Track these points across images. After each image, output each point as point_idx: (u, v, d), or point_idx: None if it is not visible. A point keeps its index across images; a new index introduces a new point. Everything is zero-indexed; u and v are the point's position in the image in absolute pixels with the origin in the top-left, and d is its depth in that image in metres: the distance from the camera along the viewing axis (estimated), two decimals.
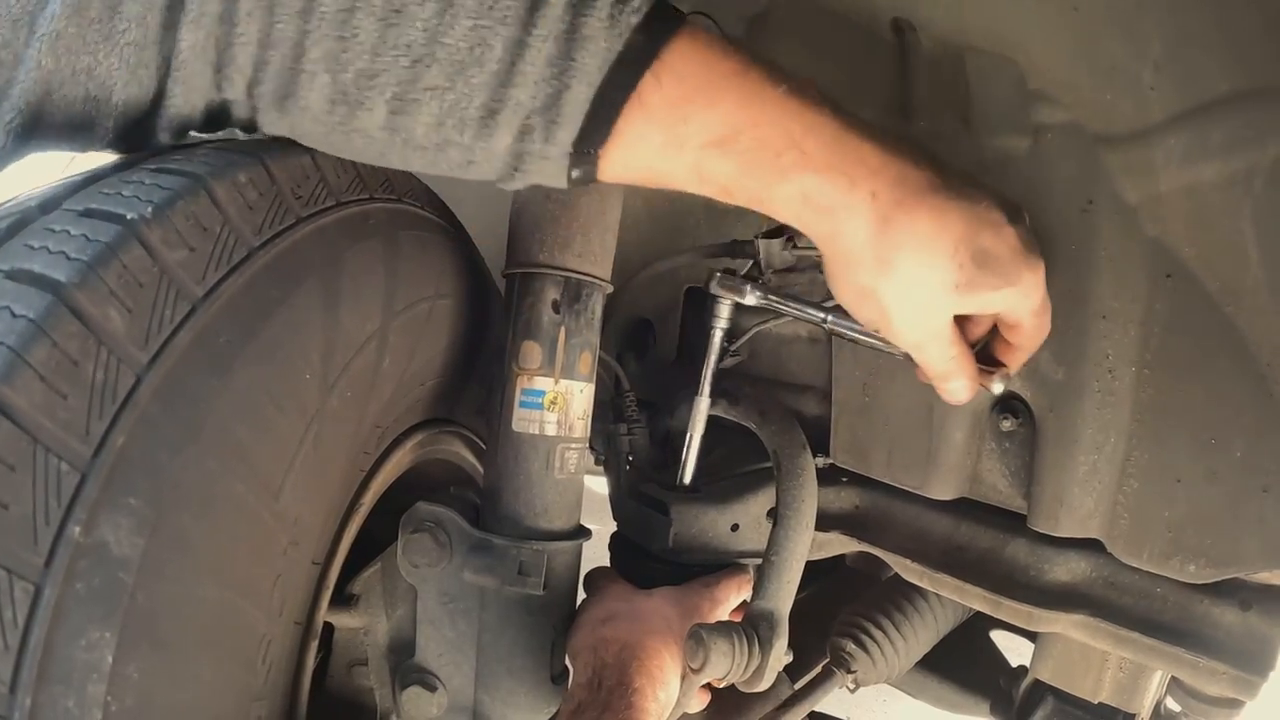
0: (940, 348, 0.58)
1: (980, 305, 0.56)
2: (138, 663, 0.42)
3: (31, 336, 0.40)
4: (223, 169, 0.53)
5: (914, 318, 0.56)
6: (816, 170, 0.51)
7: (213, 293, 0.49)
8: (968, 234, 0.53)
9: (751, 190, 0.52)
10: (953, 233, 0.52)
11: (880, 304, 0.55)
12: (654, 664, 0.70)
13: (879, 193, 0.51)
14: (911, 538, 0.92)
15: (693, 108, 0.49)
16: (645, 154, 0.50)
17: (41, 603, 0.39)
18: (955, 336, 0.58)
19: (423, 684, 0.77)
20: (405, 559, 0.74)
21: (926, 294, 0.54)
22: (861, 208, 0.51)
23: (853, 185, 0.51)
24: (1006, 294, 0.55)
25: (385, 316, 0.66)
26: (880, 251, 0.52)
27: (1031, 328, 0.60)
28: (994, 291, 0.55)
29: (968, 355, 0.60)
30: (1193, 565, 0.72)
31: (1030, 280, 0.56)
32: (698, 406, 0.87)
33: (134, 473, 0.43)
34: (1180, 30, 0.60)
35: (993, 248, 0.54)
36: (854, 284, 0.55)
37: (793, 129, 0.50)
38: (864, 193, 0.51)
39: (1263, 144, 0.60)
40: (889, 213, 0.51)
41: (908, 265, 0.53)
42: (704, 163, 0.51)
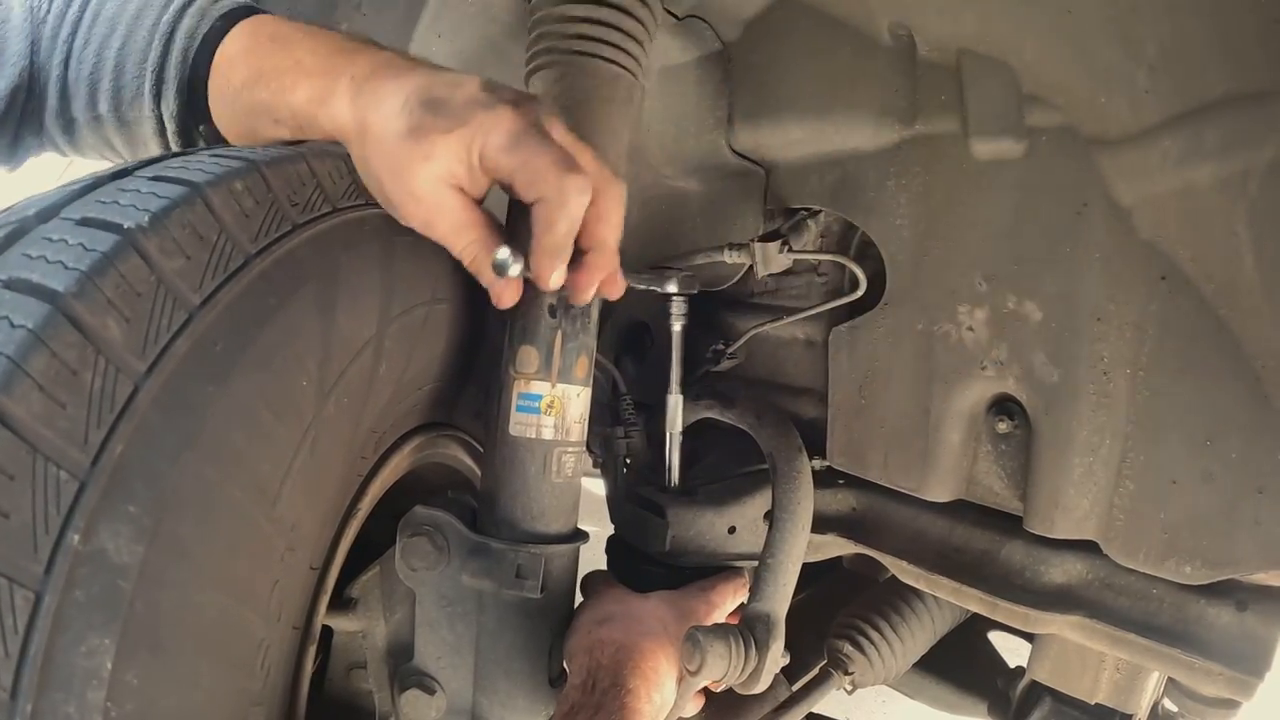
0: (446, 223, 0.60)
1: (443, 154, 0.57)
2: (137, 669, 0.43)
3: (30, 346, 0.41)
4: (219, 177, 0.53)
5: (402, 180, 0.59)
6: (309, 74, 0.62)
7: (210, 301, 0.49)
8: (419, 87, 0.58)
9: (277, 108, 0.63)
10: (407, 86, 0.58)
11: (374, 174, 0.61)
12: (649, 666, 0.71)
13: (355, 75, 0.60)
14: (908, 540, 0.92)
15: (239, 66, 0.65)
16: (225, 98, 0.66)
17: (41, 610, 0.39)
18: (466, 213, 0.60)
19: (421, 686, 0.77)
20: (403, 562, 0.74)
21: (392, 148, 0.58)
22: (342, 88, 0.61)
23: (336, 74, 0.61)
24: (460, 134, 0.56)
25: (382, 322, 0.66)
26: (356, 119, 0.60)
27: (515, 170, 0.58)
28: (445, 134, 0.56)
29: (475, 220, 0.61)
30: (1188, 566, 0.72)
31: (486, 118, 0.57)
32: (670, 405, 0.87)
33: (133, 480, 0.43)
34: (1175, 33, 0.61)
35: (443, 95, 0.58)
36: (357, 162, 0.62)
37: (296, 54, 0.63)
38: (345, 78, 0.61)
39: (1257, 146, 0.60)
40: (361, 85, 0.60)
41: (373, 124, 0.59)
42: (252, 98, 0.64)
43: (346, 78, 0.61)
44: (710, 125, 0.95)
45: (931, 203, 0.82)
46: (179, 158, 0.57)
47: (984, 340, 0.81)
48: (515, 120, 0.58)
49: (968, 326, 0.81)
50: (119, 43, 0.67)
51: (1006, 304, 0.78)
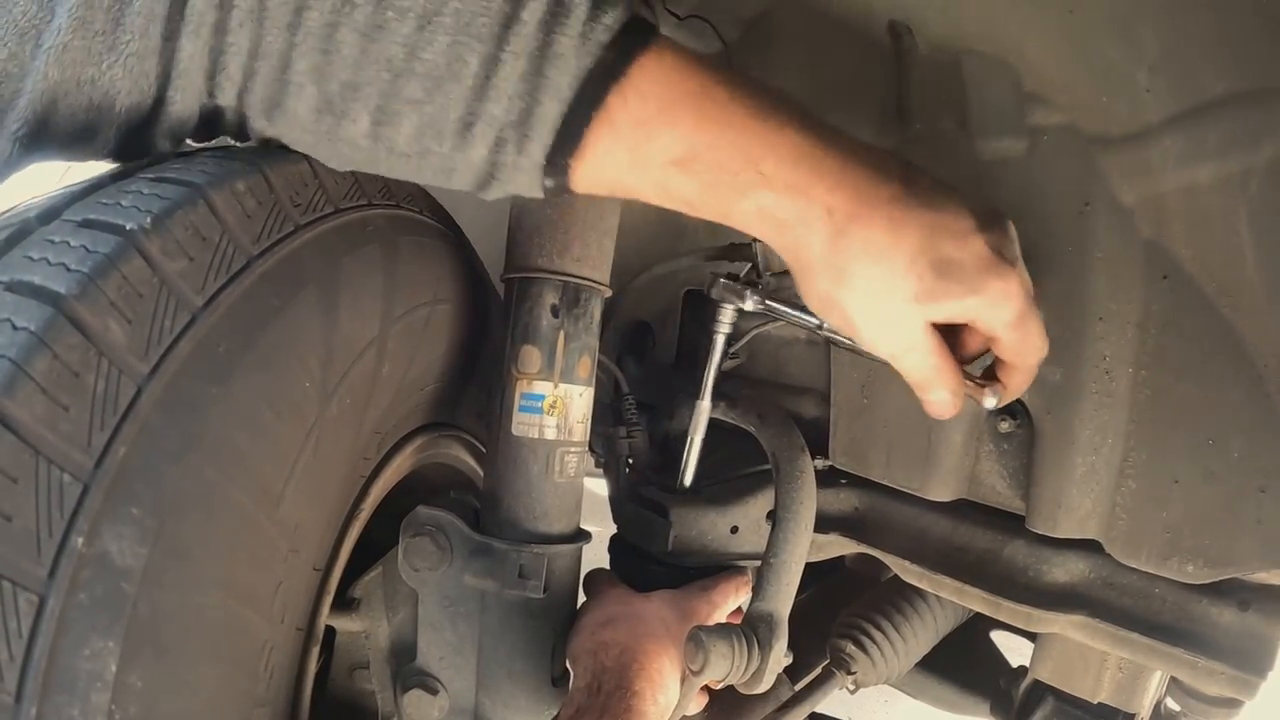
0: (917, 358, 0.57)
1: (946, 314, 0.54)
2: (141, 671, 0.43)
3: (33, 349, 0.41)
4: (221, 178, 0.53)
5: (880, 328, 0.56)
6: (773, 189, 0.51)
7: (212, 302, 0.50)
8: (926, 243, 0.52)
9: (713, 207, 0.53)
10: (909, 242, 0.52)
11: (845, 314, 0.56)
12: (653, 667, 0.71)
13: (835, 208, 0.52)
14: (910, 539, 0.92)
15: (655, 127, 0.50)
16: (613, 169, 0.52)
17: (45, 613, 0.39)
18: (935, 347, 0.57)
19: (424, 687, 0.77)
20: (406, 563, 0.74)
21: (886, 304, 0.54)
22: (816, 223, 0.52)
23: (809, 201, 0.52)
24: (972, 303, 0.54)
25: (384, 323, 0.66)
26: (836, 263, 0.53)
27: (1010, 342, 0.57)
28: (957, 300, 0.53)
29: (950, 367, 0.58)
30: (1191, 565, 0.72)
31: (998, 289, 0.54)
32: (699, 410, 0.87)
33: (136, 483, 0.43)
34: (1176, 32, 0.61)
35: (954, 255, 0.53)
36: (817, 294, 0.56)
37: (750, 149, 0.51)
38: (819, 208, 0.52)
39: (1258, 145, 0.60)
40: (844, 225, 0.52)
41: (863, 277, 0.53)
42: (668, 180, 0.52)
43: (822, 208, 0.51)
44: None
45: None
46: (181, 158, 0.57)
47: None
48: (1022, 293, 0.55)
49: None
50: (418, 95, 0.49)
51: None
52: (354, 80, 0.48)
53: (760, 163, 0.51)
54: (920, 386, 0.59)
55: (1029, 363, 0.59)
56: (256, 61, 0.48)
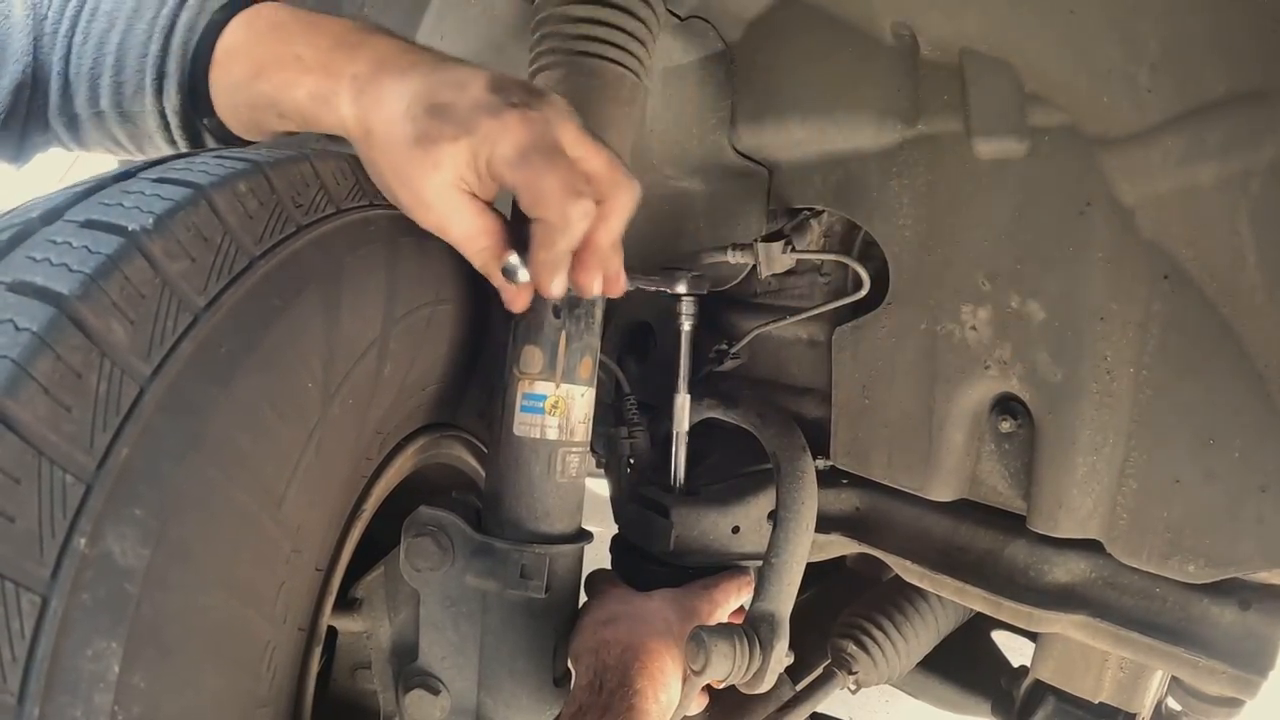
0: (462, 226, 0.59)
1: (450, 162, 0.56)
2: (144, 672, 0.43)
3: (35, 349, 0.41)
4: (223, 178, 0.53)
5: (411, 188, 0.58)
6: (310, 70, 0.60)
7: (214, 303, 0.49)
8: (423, 89, 0.56)
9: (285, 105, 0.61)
10: (409, 89, 0.57)
11: (381, 177, 0.60)
12: (655, 666, 0.71)
13: (358, 74, 0.58)
14: (911, 539, 0.92)
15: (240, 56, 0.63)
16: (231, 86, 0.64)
17: (48, 614, 0.39)
18: (477, 219, 0.59)
19: (426, 687, 0.77)
20: (408, 563, 0.74)
21: (399, 156, 0.57)
22: (344, 88, 0.59)
23: (340, 74, 0.59)
24: (466, 144, 0.55)
25: (386, 323, 0.66)
26: (361, 123, 0.58)
27: (518, 184, 0.56)
28: (453, 142, 0.55)
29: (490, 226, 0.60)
30: (1192, 565, 0.72)
31: (491, 125, 0.55)
32: (676, 405, 0.87)
33: (138, 484, 0.43)
34: (1177, 33, 0.61)
35: (448, 99, 0.56)
36: (364, 163, 0.61)
37: (294, 47, 0.61)
38: (346, 76, 0.59)
39: (1259, 146, 0.60)
40: (364, 86, 0.58)
41: (377, 128, 0.57)
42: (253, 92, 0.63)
43: (348, 77, 0.59)
44: (713, 125, 0.95)
45: (934, 203, 0.82)
46: (183, 159, 0.57)
47: (987, 340, 0.81)
48: (522, 131, 0.56)
49: (971, 326, 0.81)
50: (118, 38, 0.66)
51: (1009, 303, 0.78)
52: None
53: (301, 56, 0.60)
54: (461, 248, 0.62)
55: (548, 213, 0.57)
56: None
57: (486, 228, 0.60)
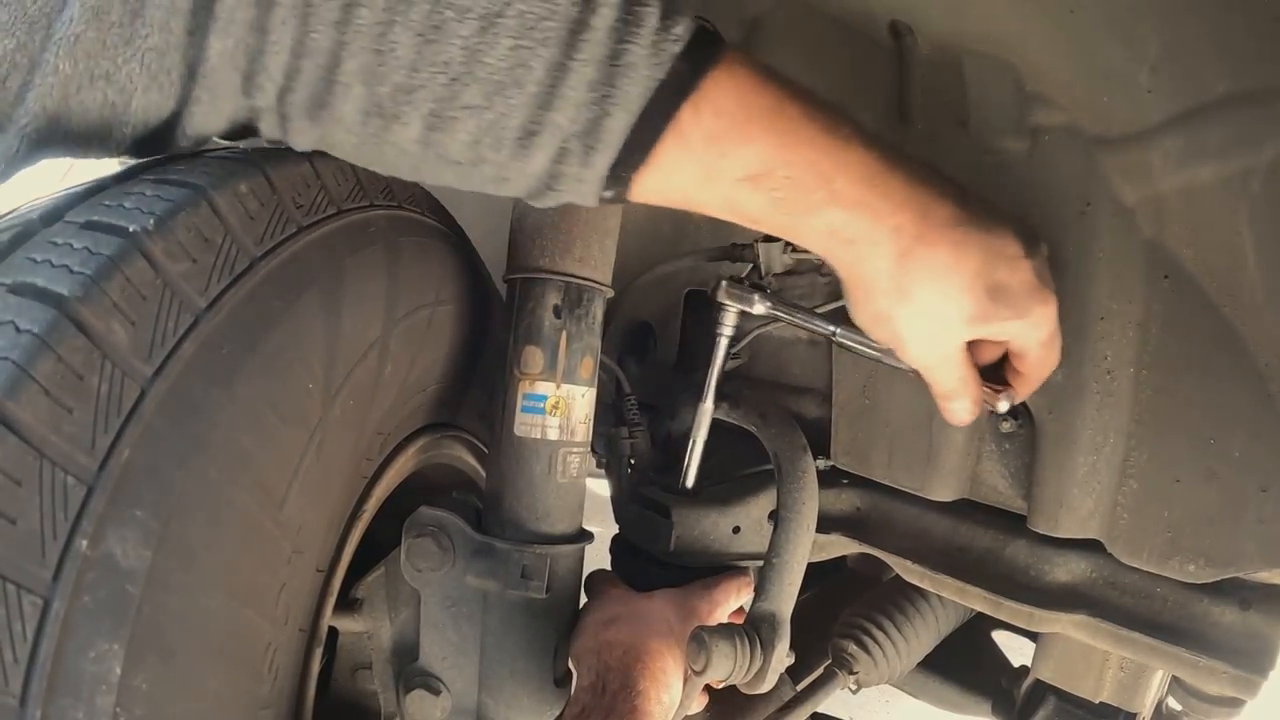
0: (950, 370, 0.60)
1: (991, 334, 0.58)
2: (145, 674, 0.43)
3: (36, 351, 0.41)
4: (224, 179, 0.53)
5: (927, 343, 0.58)
6: (844, 206, 0.52)
7: (215, 304, 0.50)
8: (984, 268, 0.55)
9: (781, 223, 0.53)
10: (969, 266, 0.54)
11: (895, 330, 0.58)
12: (657, 666, 0.71)
13: (902, 227, 0.53)
14: (912, 539, 0.92)
15: (729, 143, 0.49)
16: (679, 182, 0.51)
17: (50, 616, 0.39)
18: (965, 360, 0.60)
19: (426, 687, 0.77)
20: (408, 563, 0.74)
21: (941, 323, 0.56)
22: (884, 242, 0.53)
23: (877, 220, 0.52)
24: (1017, 325, 0.58)
25: (387, 324, 0.66)
26: (899, 282, 0.54)
27: (1038, 358, 0.62)
28: (1005, 323, 0.57)
29: (975, 379, 0.62)
30: (1192, 565, 0.72)
31: (1040, 313, 0.58)
32: (701, 412, 0.87)
33: (139, 485, 0.43)
34: (1177, 32, 0.60)
35: (1007, 281, 0.56)
36: (871, 309, 0.57)
37: (824, 167, 0.51)
38: (888, 227, 0.53)
39: (1260, 145, 0.60)
40: (910, 246, 0.53)
41: (924, 296, 0.55)
42: (736, 196, 0.51)
43: (890, 228, 0.52)
44: None
45: None
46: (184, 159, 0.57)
47: None
48: (1054, 315, 0.60)
49: None
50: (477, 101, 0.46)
51: None
52: (407, 83, 0.44)
53: (832, 180, 0.51)
54: (945, 396, 0.63)
55: (1046, 375, 0.64)
56: (301, 60, 0.44)
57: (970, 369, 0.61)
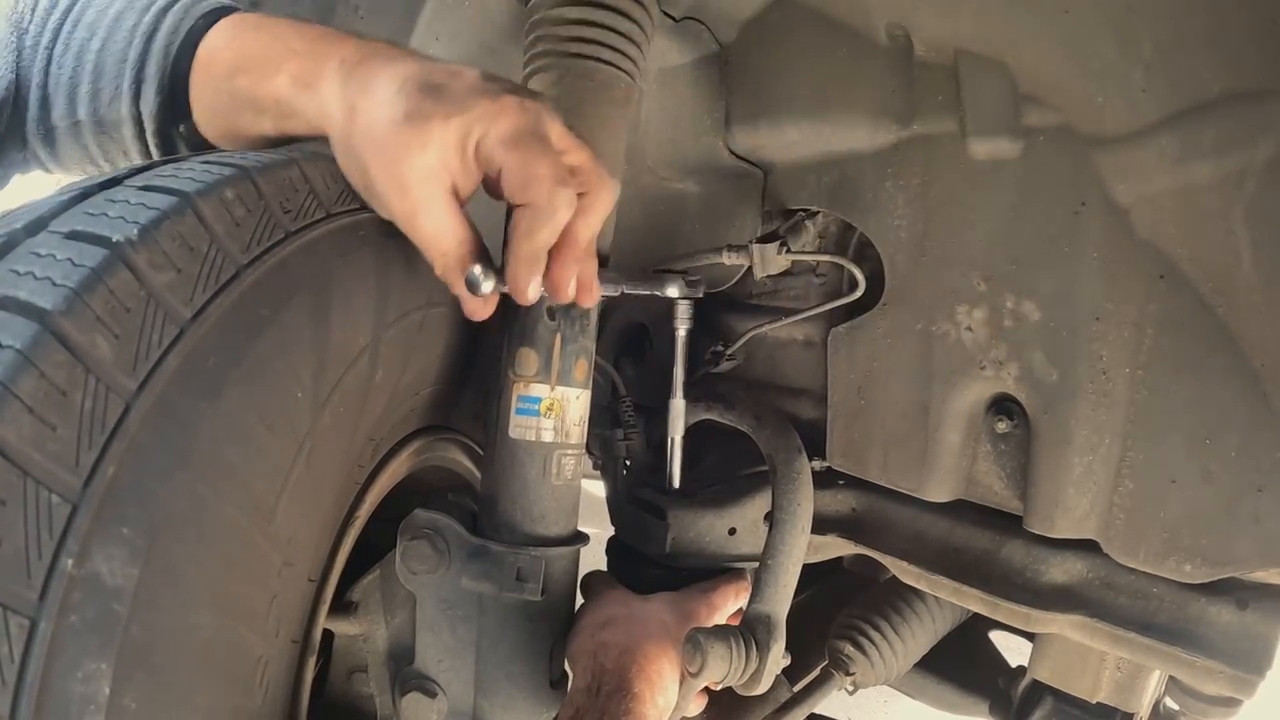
0: (430, 222, 0.57)
1: (440, 141, 0.55)
2: (134, 693, 0.42)
3: (18, 367, 0.40)
4: (209, 185, 0.52)
5: (389, 172, 0.56)
6: (297, 55, 0.60)
7: (201, 314, 0.49)
8: (417, 71, 0.57)
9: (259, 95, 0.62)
10: (402, 71, 0.57)
11: (359, 161, 0.58)
12: (653, 669, 0.71)
13: (346, 58, 0.59)
14: (908, 540, 0.92)
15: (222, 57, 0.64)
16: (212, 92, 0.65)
17: (37, 637, 0.39)
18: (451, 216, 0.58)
19: (422, 690, 0.77)
20: (403, 566, 0.74)
21: (383, 134, 0.55)
22: (331, 71, 0.59)
23: (325, 58, 0.60)
24: (460, 121, 0.55)
25: (377, 329, 0.66)
26: (346, 102, 0.58)
27: (510, 164, 0.56)
28: (445, 120, 0.54)
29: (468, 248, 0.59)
30: (1188, 565, 0.72)
31: (487, 106, 0.55)
32: (673, 409, 0.87)
33: (125, 502, 0.42)
34: (1172, 32, 0.60)
35: (443, 80, 0.56)
36: (341, 150, 0.60)
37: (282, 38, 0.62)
38: (334, 60, 0.59)
39: (1254, 145, 0.60)
40: (351, 70, 0.58)
41: (362, 108, 0.57)
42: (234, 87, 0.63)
43: (336, 60, 0.59)
44: (708, 127, 0.95)
45: (929, 203, 0.81)
46: (169, 165, 0.56)
47: (983, 340, 0.80)
48: (518, 115, 0.56)
49: (966, 326, 0.81)
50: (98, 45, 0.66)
51: (1005, 304, 0.78)
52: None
53: (289, 43, 0.61)
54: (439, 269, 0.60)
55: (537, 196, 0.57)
56: None
57: (456, 229, 0.58)
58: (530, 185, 0.56)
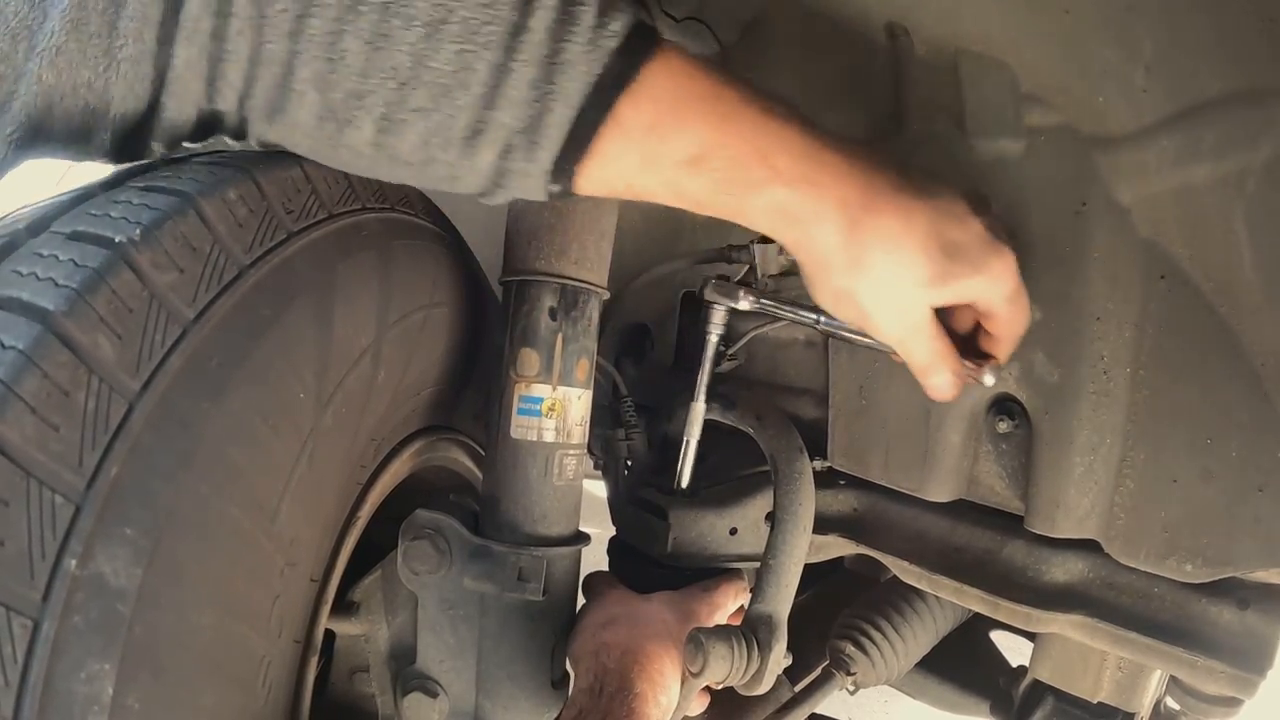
0: (922, 342, 0.60)
1: (954, 295, 0.58)
2: (138, 693, 0.42)
3: (22, 368, 0.40)
4: (212, 186, 0.53)
5: (892, 314, 0.58)
6: (786, 183, 0.53)
7: (204, 315, 0.49)
8: (934, 228, 0.55)
9: (725, 204, 0.54)
10: (919, 228, 0.55)
11: (858, 304, 0.58)
12: (655, 669, 0.71)
13: (847, 198, 0.54)
14: (909, 540, 0.92)
15: (667, 129, 0.51)
16: (622, 171, 0.52)
17: (40, 637, 0.39)
18: (936, 330, 0.60)
19: (424, 690, 0.77)
20: (405, 566, 0.74)
21: (900, 289, 0.56)
22: (831, 214, 0.54)
23: (822, 194, 0.53)
24: (977, 282, 0.57)
25: (380, 329, 0.66)
26: (852, 253, 0.55)
27: (1007, 314, 0.61)
28: (965, 280, 0.57)
29: (950, 349, 0.61)
30: (1189, 565, 0.72)
31: (999, 266, 0.58)
32: (694, 412, 0.87)
33: (129, 502, 0.43)
34: (1172, 32, 0.60)
35: (960, 239, 0.56)
36: (830, 287, 0.58)
37: (762, 145, 0.52)
38: (832, 199, 0.53)
39: (1255, 145, 0.60)
40: (857, 215, 0.54)
41: (879, 263, 0.55)
42: (679, 180, 0.53)
43: (835, 200, 0.53)
44: None
45: None
46: (171, 165, 0.56)
47: None
48: (1014, 268, 0.59)
49: None
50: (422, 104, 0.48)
51: None
52: (358, 89, 0.47)
53: (772, 158, 0.52)
54: (924, 371, 0.62)
55: (1019, 334, 0.64)
56: (257, 68, 0.47)
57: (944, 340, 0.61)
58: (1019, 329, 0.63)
